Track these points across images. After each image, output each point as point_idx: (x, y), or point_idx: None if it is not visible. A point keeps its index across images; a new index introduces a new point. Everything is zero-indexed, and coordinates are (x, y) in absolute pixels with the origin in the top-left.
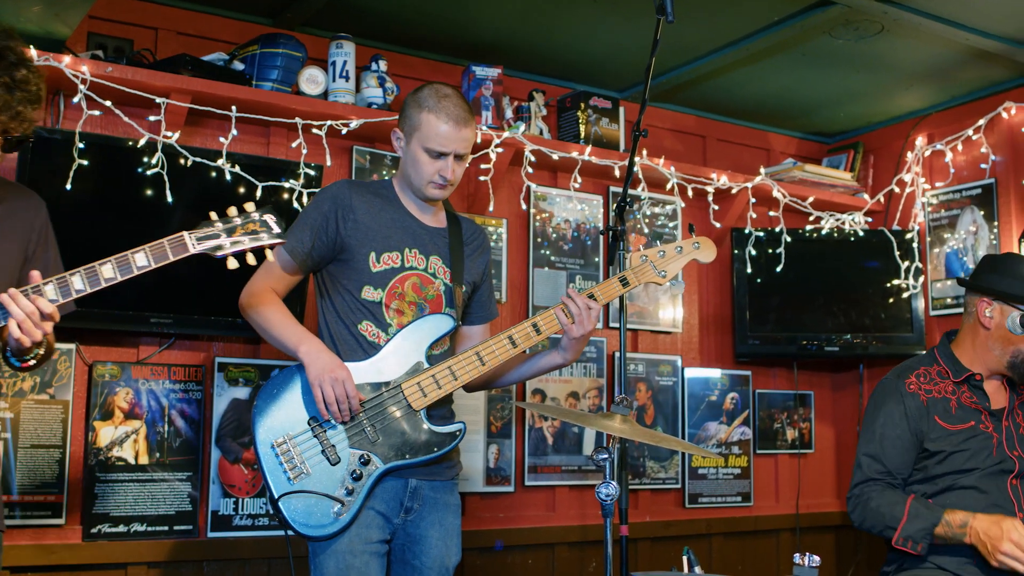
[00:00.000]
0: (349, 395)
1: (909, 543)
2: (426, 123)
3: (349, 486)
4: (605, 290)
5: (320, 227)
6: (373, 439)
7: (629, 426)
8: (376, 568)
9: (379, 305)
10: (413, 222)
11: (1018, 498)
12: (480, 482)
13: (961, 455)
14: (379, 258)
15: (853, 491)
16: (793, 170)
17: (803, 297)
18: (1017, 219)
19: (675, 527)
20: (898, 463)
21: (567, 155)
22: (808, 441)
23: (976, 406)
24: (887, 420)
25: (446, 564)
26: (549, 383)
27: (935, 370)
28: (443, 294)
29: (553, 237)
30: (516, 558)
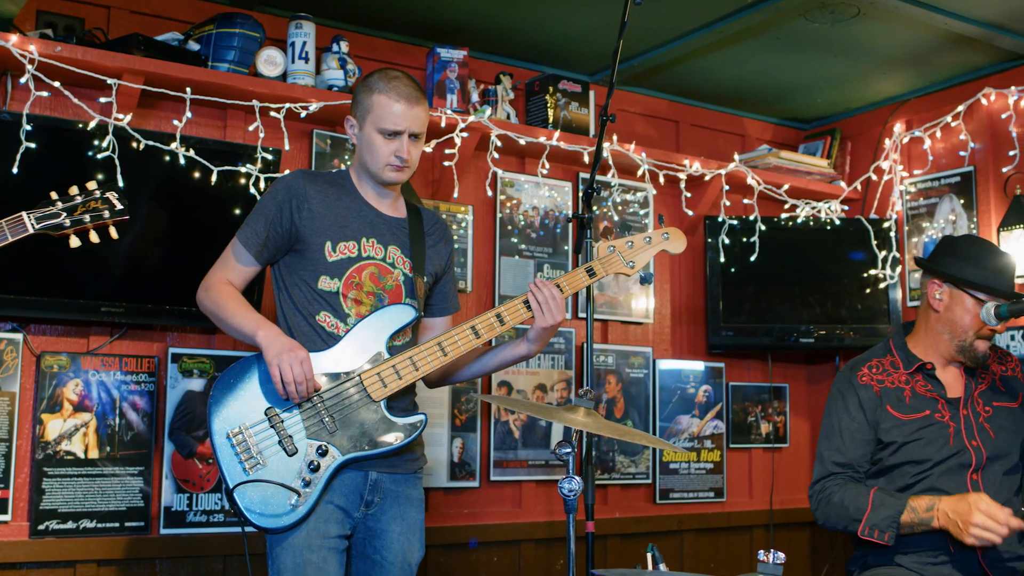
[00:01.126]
0: (307, 375)
1: (876, 532)
2: (378, 104)
3: (307, 477)
4: (571, 280)
5: (274, 217)
6: (331, 430)
7: (593, 419)
8: (335, 564)
9: (336, 295)
10: (370, 211)
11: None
12: (444, 477)
13: (915, 445)
14: (335, 247)
15: (814, 487)
16: (768, 157)
17: (778, 287)
18: (996, 208)
19: (645, 523)
20: (857, 455)
21: (535, 140)
22: (783, 435)
23: (931, 395)
24: (843, 413)
25: (408, 560)
26: (516, 375)
27: (888, 361)
28: (403, 284)
29: (521, 225)
30: (481, 555)
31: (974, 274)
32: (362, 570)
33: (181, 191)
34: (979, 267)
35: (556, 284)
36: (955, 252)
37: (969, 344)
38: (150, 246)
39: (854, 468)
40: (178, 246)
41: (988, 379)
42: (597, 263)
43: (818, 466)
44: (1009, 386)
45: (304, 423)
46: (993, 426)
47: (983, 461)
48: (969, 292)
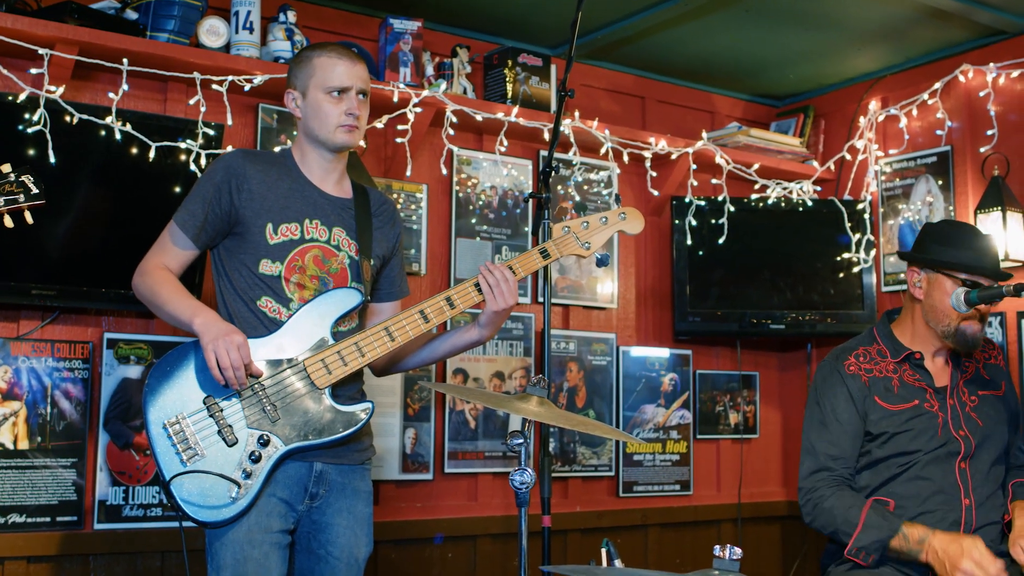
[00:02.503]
0: (244, 360)
1: (862, 554)
2: (320, 66)
3: (247, 468)
4: (524, 263)
5: (213, 199)
6: (273, 419)
7: (546, 409)
8: (277, 560)
9: (278, 279)
10: (314, 192)
11: (965, 483)
12: (396, 469)
13: (905, 436)
14: (276, 230)
15: (805, 482)
16: (737, 135)
17: (747, 271)
18: (974, 189)
19: (608, 518)
20: (849, 449)
21: (492, 116)
22: (752, 425)
23: (920, 384)
24: (835, 405)
25: (355, 555)
26: (472, 362)
27: (874, 349)
28: (348, 268)
29: (478, 204)
30: (435, 551)
31: (951, 255)
32: (306, 566)
33: (118, 168)
34: (956, 248)
35: (508, 266)
36: (932, 236)
37: (953, 329)
38: (85, 226)
39: (847, 461)
40: (115, 226)
41: (972, 368)
42: (551, 244)
43: (809, 459)
44: (992, 374)
45: (245, 412)
46: (980, 415)
47: (972, 450)
48: (946, 274)
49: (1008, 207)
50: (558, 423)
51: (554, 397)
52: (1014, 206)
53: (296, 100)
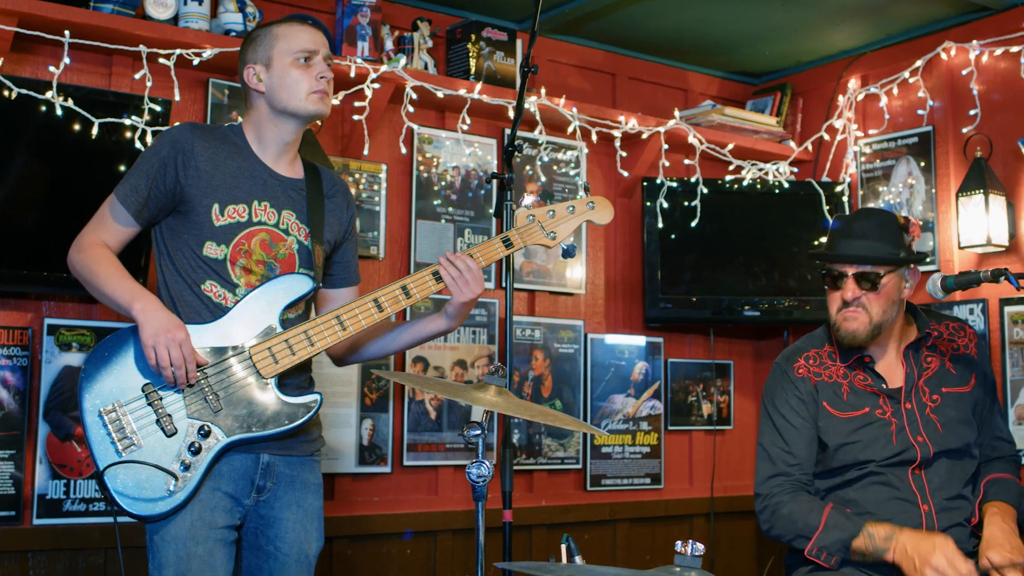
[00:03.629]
0: (187, 358)
1: (823, 555)
2: (282, 34)
3: (186, 460)
4: (485, 251)
5: (158, 174)
6: (215, 409)
7: (504, 399)
8: (222, 557)
9: (223, 263)
10: (264, 171)
11: (922, 489)
12: (352, 462)
13: (853, 447)
14: (223, 211)
15: (762, 488)
16: (711, 113)
17: (721, 256)
18: (956, 171)
19: (574, 512)
20: (806, 453)
21: (454, 93)
22: (726, 416)
23: (871, 389)
24: (787, 407)
25: (305, 550)
26: (433, 350)
27: (826, 352)
28: (297, 253)
29: (440, 185)
30: (393, 547)
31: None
32: (254, 564)
33: (59, 145)
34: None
35: (469, 254)
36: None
37: (834, 322)
38: (24, 206)
39: (803, 466)
40: (56, 206)
41: (936, 363)
42: (514, 233)
43: (765, 464)
44: (961, 367)
45: (185, 401)
46: (940, 417)
47: (929, 456)
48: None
49: (991, 190)
50: (516, 413)
51: (519, 387)
52: (996, 189)
53: (259, 74)
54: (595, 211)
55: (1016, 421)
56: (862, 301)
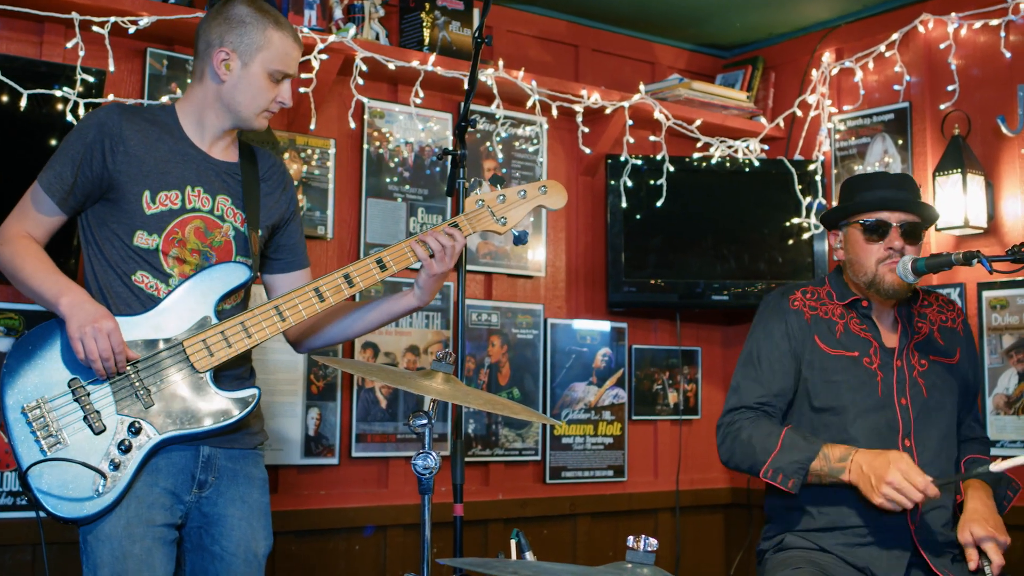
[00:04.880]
0: (115, 349)
1: (779, 477)
2: (275, 42)
3: (116, 458)
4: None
5: (84, 160)
6: (147, 404)
7: (451, 386)
8: (161, 557)
9: (155, 253)
10: (197, 155)
11: None
12: (297, 453)
13: (835, 387)
14: (154, 198)
15: (724, 419)
16: (679, 88)
17: (688, 237)
18: (933, 149)
19: (533, 506)
20: (778, 387)
21: (407, 64)
22: (693, 406)
23: (866, 335)
24: (767, 338)
25: (253, 549)
26: (383, 336)
27: (824, 291)
28: (233, 240)
29: (392, 162)
30: (340, 543)
31: (853, 203)
32: (199, 566)
33: None
34: (859, 192)
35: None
36: (843, 192)
37: (871, 277)
38: None
39: (772, 402)
40: None
41: (926, 329)
42: (463, 219)
43: (732, 396)
44: (948, 339)
45: (114, 397)
46: (927, 383)
47: (911, 424)
48: (853, 223)
49: (969, 169)
50: (464, 402)
51: (474, 374)
52: (975, 168)
53: (229, 63)
54: (547, 196)
55: (994, 410)
56: (904, 253)
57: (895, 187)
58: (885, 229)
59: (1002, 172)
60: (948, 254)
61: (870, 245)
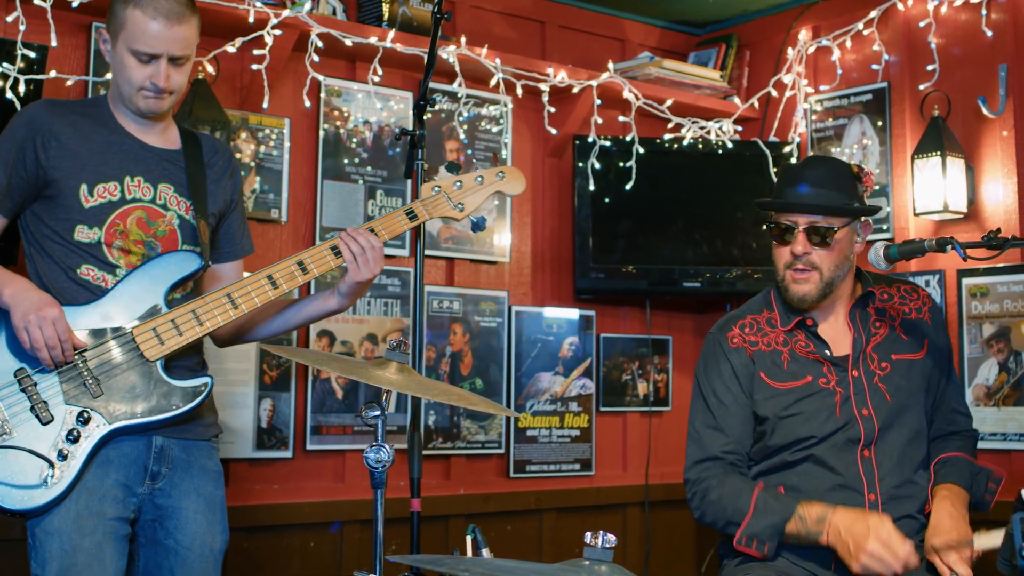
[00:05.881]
0: (61, 336)
1: (755, 543)
2: (132, 20)
3: (64, 449)
4: (388, 224)
5: (17, 160)
6: (96, 394)
7: (405, 376)
8: (113, 552)
9: (98, 246)
10: (134, 144)
11: (870, 474)
12: (249, 446)
13: (793, 421)
14: (92, 191)
15: (690, 472)
16: (649, 66)
17: (659, 221)
18: (912, 131)
19: (496, 501)
20: (739, 433)
21: (365, 41)
22: (664, 396)
23: (815, 356)
24: (719, 383)
25: (210, 544)
26: (340, 324)
27: (764, 318)
28: (178, 229)
29: (350, 142)
30: (295, 540)
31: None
32: (153, 561)
33: None
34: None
35: (370, 227)
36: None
37: (781, 281)
38: None
39: (736, 452)
40: None
41: (886, 327)
42: (419, 205)
43: (694, 447)
44: (913, 332)
45: (63, 387)
46: (890, 387)
47: (874, 434)
48: (768, 224)
49: (948, 152)
50: (417, 393)
51: (435, 364)
52: (955, 151)
53: (107, 44)
54: (505, 181)
55: (974, 402)
56: (812, 258)
57: (814, 183)
58: (790, 232)
59: (983, 155)
60: (921, 240)
61: (779, 249)
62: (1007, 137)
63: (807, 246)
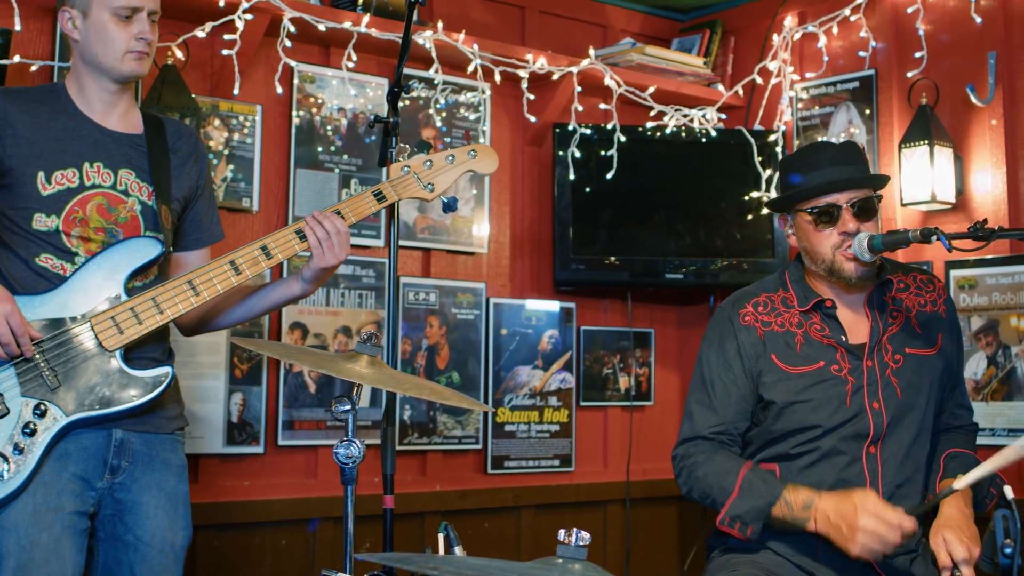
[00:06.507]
0: (16, 331)
1: (737, 525)
2: None
3: (20, 443)
4: (355, 206)
5: None
6: (53, 386)
7: (376, 370)
8: (71, 546)
9: (56, 234)
10: (94, 129)
11: (874, 471)
12: (219, 441)
13: (802, 408)
14: (49, 178)
15: (678, 449)
16: (631, 52)
17: (641, 211)
18: (899, 119)
19: (473, 498)
20: (733, 414)
21: (339, 26)
22: (646, 391)
23: (830, 341)
24: (718, 361)
25: (171, 540)
26: (312, 315)
27: (779, 297)
28: (140, 216)
29: (324, 130)
30: (266, 537)
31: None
32: (112, 557)
33: None
34: (803, 174)
35: (336, 210)
36: (784, 172)
37: (831, 265)
38: None
39: (729, 431)
40: None
41: (901, 318)
42: (387, 185)
43: (686, 423)
44: (927, 326)
45: (18, 378)
46: (901, 381)
47: (883, 430)
48: (799, 210)
49: (936, 141)
50: (388, 387)
51: (410, 357)
52: (943, 140)
53: (74, 20)
54: (477, 160)
55: None
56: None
57: (838, 162)
58: (836, 213)
59: (971, 144)
60: (906, 231)
61: (822, 231)
62: (996, 126)
63: (856, 222)
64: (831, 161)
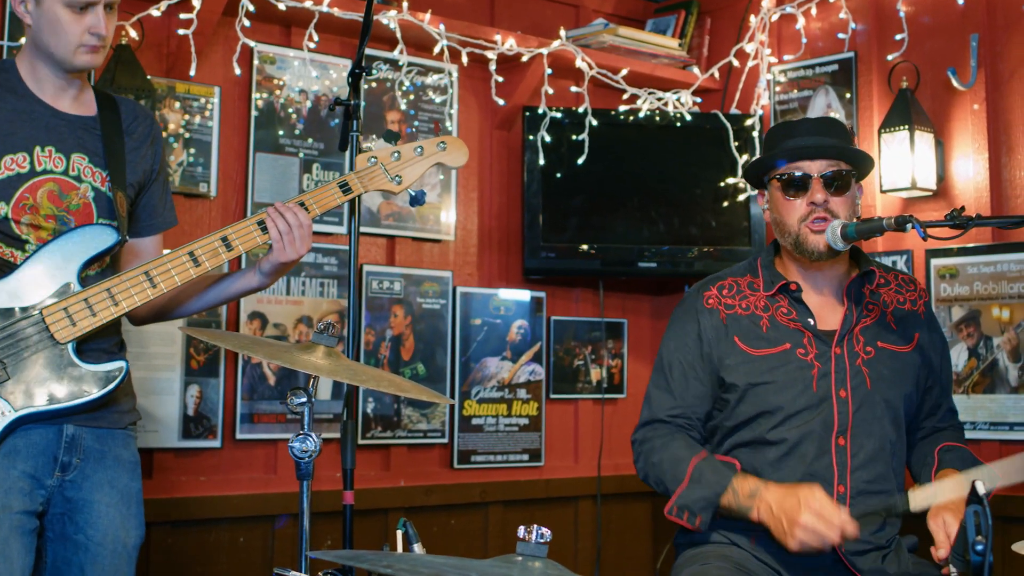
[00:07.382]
0: None
1: (685, 515)
2: None
3: None
4: (320, 198)
5: None
6: (1, 379)
7: (332, 361)
8: (19, 547)
9: (5, 222)
10: (45, 111)
11: (842, 464)
12: (175, 435)
13: (765, 389)
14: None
15: (637, 433)
16: (603, 34)
17: (613, 198)
18: (879, 103)
19: (439, 494)
20: (691, 398)
21: (299, 5)
22: (618, 383)
23: (796, 325)
24: (678, 343)
25: (123, 539)
26: (272, 304)
27: (746, 281)
28: (93, 202)
29: (284, 113)
30: (223, 534)
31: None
32: (61, 557)
33: None
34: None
35: (300, 202)
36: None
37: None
38: None
39: (686, 415)
40: None
41: (877, 311)
42: (353, 177)
43: (645, 407)
44: (904, 323)
45: None
46: (871, 372)
47: (848, 419)
48: (771, 179)
49: (917, 126)
50: (344, 378)
51: (374, 348)
52: (924, 125)
53: (27, 5)
54: (447, 152)
55: None
56: (831, 206)
57: (818, 132)
58: (805, 182)
59: (953, 129)
60: (880, 219)
61: (791, 201)
62: (978, 111)
63: (825, 193)
64: (809, 131)
